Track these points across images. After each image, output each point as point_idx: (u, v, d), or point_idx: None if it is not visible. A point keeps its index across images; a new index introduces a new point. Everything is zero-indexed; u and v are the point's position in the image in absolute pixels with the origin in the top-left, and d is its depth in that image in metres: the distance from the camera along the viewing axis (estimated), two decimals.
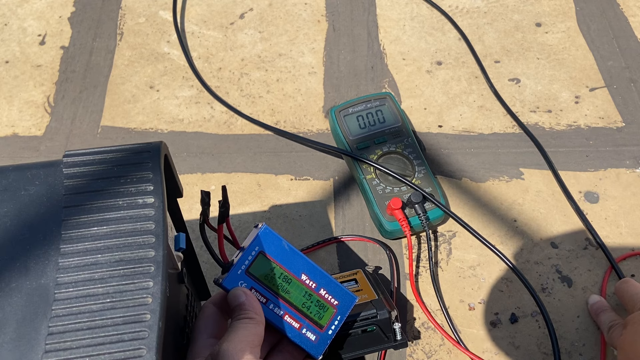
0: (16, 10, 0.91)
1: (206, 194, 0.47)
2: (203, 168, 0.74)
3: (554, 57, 0.84)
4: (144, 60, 0.85)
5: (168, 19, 0.89)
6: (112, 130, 0.78)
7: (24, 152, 0.76)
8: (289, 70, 0.83)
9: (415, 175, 0.69)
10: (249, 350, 0.42)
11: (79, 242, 0.39)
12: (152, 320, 0.36)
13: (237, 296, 0.46)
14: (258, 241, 0.48)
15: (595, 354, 0.61)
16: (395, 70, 0.83)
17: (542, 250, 0.67)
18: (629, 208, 0.70)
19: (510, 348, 0.61)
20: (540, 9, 0.89)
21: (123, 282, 0.37)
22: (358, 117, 0.72)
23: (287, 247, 0.49)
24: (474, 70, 0.83)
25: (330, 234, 0.69)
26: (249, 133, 0.77)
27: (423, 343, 0.62)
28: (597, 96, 0.80)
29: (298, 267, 0.49)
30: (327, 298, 0.49)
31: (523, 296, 0.64)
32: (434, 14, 0.89)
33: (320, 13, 0.90)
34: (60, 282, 0.37)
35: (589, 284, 0.65)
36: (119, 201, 0.40)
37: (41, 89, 0.82)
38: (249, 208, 0.71)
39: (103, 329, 0.36)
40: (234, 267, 0.47)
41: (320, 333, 0.49)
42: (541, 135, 0.76)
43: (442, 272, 0.66)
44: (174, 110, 0.80)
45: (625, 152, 0.75)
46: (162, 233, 0.39)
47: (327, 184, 0.73)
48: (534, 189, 0.72)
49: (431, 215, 0.66)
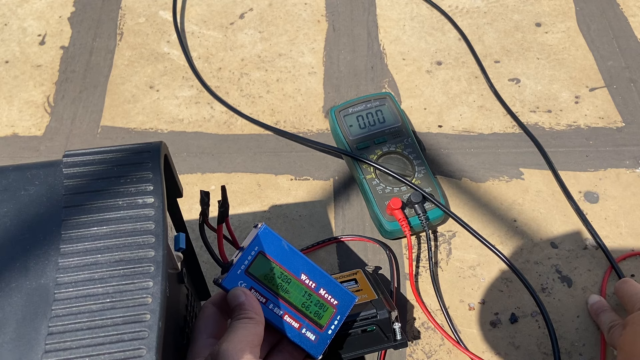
0: (16, 10, 0.91)
1: (205, 194, 0.47)
2: (203, 168, 0.74)
3: (554, 57, 0.84)
4: (144, 60, 0.85)
5: (168, 19, 0.89)
6: (112, 130, 0.78)
7: (24, 152, 0.76)
8: (289, 70, 0.83)
9: (415, 175, 0.69)
10: (248, 350, 0.42)
11: (78, 242, 0.39)
12: (152, 320, 0.36)
13: (237, 296, 0.46)
14: (257, 241, 0.48)
15: (595, 354, 0.61)
16: (395, 70, 0.83)
17: (542, 250, 0.67)
18: (629, 208, 0.70)
19: (510, 348, 0.61)
20: (540, 9, 0.89)
21: (123, 282, 0.37)
22: (358, 117, 0.72)
23: (287, 247, 0.49)
24: (474, 70, 0.83)
25: (330, 234, 0.69)
26: (249, 133, 0.78)
27: (423, 343, 0.62)
28: (597, 96, 0.80)
29: (297, 267, 0.49)
30: (327, 298, 0.49)
31: (523, 296, 0.64)
32: (434, 14, 0.89)
33: (320, 13, 0.90)
34: (60, 282, 0.37)
35: (588, 284, 0.65)
36: (118, 201, 0.40)
37: (41, 89, 0.82)
38: (249, 208, 0.71)
39: (103, 328, 0.36)
40: (234, 267, 0.47)
41: (320, 333, 0.49)
42: (541, 135, 0.76)
43: (442, 272, 0.66)
44: (174, 110, 0.80)
45: (625, 152, 0.75)
46: (162, 233, 0.39)
47: (327, 184, 0.73)
48: (534, 189, 0.72)
49: (431, 215, 0.66)
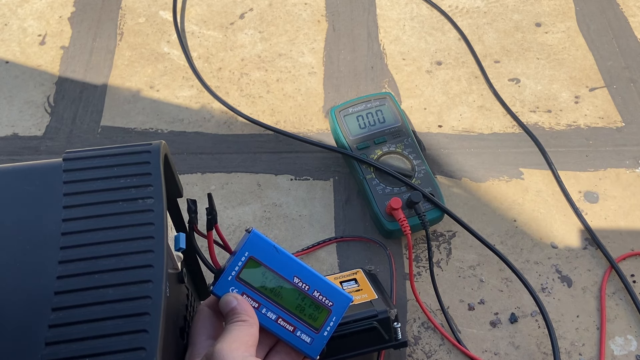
0: (16, 10, 0.91)
1: (192, 202, 0.47)
2: (203, 168, 0.74)
3: (553, 57, 0.84)
4: (144, 60, 0.85)
5: (168, 19, 0.89)
6: (112, 130, 0.78)
7: (24, 152, 0.76)
8: (289, 70, 0.83)
9: (415, 175, 0.69)
10: (243, 349, 0.42)
11: (78, 242, 0.39)
12: (152, 320, 0.36)
13: (229, 302, 0.46)
14: (247, 246, 0.48)
15: (595, 354, 0.61)
16: (395, 70, 0.83)
17: (542, 250, 0.67)
18: (628, 208, 0.70)
19: (510, 348, 0.61)
20: (540, 9, 0.89)
21: (123, 282, 0.37)
22: (358, 117, 0.72)
23: (278, 251, 0.48)
24: (473, 70, 0.83)
25: (330, 234, 0.69)
26: (249, 133, 0.78)
27: (423, 343, 0.62)
28: (597, 96, 0.80)
29: (290, 270, 0.48)
30: (321, 300, 0.49)
31: (523, 296, 0.64)
32: (433, 14, 0.89)
33: (320, 13, 0.90)
34: (60, 282, 0.37)
35: (588, 284, 0.65)
36: (119, 201, 0.40)
37: (41, 89, 0.82)
38: (249, 208, 0.71)
39: (103, 329, 0.36)
40: (224, 274, 0.47)
41: (316, 335, 0.49)
42: (541, 135, 0.76)
43: (442, 272, 0.66)
44: (174, 110, 0.80)
45: (625, 152, 0.75)
46: (162, 233, 0.39)
47: (327, 184, 0.73)
48: (533, 189, 0.72)
49: (431, 215, 0.66)
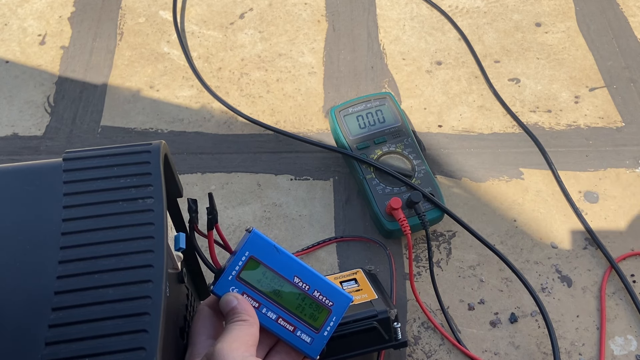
0: (16, 10, 0.91)
1: (193, 202, 0.47)
2: (203, 168, 0.74)
3: (553, 57, 0.84)
4: (144, 60, 0.85)
5: (168, 19, 0.89)
6: (112, 130, 0.78)
7: (24, 152, 0.76)
8: (289, 70, 0.83)
9: (415, 175, 0.69)
10: (243, 348, 0.42)
11: (78, 242, 0.39)
12: (152, 320, 0.36)
13: (229, 302, 0.46)
14: (248, 246, 0.48)
15: (595, 354, 0.61)
16: (395, 70, 0.83)
17: (542, 250, 0.67)
18: (628, 208, 0.70)
19: (510, 348, 0.61)
20: (540, 9, 0.89)
21: (123, 282, 0.37)
22: (358, 117, 0.72)
23: (278, 250, 0.48)
24: (473, 70, 0.83)
25: (330, 234, 0.69)
26: (249, 133, 0.78)
27: (423, 343, 0.62)
28: (596, 96, 0.80)
29: (290, 270, 0.48)
30: (321, 299, 0.49)
31: (523, 296, 0.64)
32: (433, 14, 0.89)
33: (320, 13, 0.90)
34: (60, 282, 0.37)
35: (588, 284, 0.65)
36: (119, 201, 0.40)
37: (41, 89, 0.82)
38: (249, 208, 0.71)
39: (103, 329, 0.36)
40: (225, 273, 0.47)
41: (316, 335, 0.49)
42: (541, 135, 0.76)
43: (442, 272, 0.66)
44: (174, 110, 0.80)
45: (625, 152, 0.75)
46: (162, 233, 0.39)
47: (327, 184, 0.73)
48: (533, 189, 0.72)
49: (431, 215, 0.66)
